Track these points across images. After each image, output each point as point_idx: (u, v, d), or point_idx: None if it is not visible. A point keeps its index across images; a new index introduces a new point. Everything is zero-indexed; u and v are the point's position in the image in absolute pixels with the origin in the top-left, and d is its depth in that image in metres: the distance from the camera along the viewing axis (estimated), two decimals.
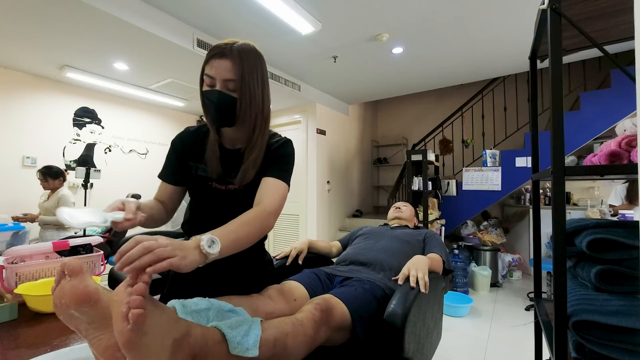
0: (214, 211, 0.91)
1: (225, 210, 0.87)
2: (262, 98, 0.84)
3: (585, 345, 0.66)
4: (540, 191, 3.36)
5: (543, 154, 1.11)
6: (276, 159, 0.90)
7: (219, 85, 0.79)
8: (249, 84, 0.80)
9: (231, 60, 0.78)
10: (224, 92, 0.79)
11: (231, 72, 0.78)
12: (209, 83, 0.80)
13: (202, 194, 0.92)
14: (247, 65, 0.79)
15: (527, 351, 2.12)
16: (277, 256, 1.39)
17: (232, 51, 0.78)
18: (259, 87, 0.82)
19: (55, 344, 0.76)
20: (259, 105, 0.84)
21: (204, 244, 0.59)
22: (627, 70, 0.82)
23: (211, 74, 0.79)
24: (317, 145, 4.11)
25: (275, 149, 0.90)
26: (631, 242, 0.67)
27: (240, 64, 0.78)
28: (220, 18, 2.36)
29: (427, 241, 1.47)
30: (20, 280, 1.07)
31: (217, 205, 0.91)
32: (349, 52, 2.95)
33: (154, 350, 0.50)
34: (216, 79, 0.78)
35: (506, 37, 2.67)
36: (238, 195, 0.89)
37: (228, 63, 0.78)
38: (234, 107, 0.80)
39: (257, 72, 0.82)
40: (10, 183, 3.06)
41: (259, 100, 0.83)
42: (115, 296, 0.50)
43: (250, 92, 0.80)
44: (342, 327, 0.87)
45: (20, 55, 2.74)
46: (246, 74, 0.79)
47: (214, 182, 0.89)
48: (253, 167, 0.86)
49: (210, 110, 0.82)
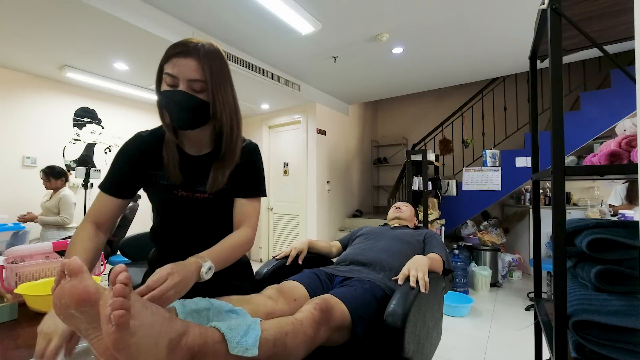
0: (182, 220, 0.88)
1: (194, 219, 0.87)
2: (233, 101, 0.81)
3: (585, 345, 0.66)
4: (540, 191, 3.36)
5: (543, 154, 1.11)
6: (250, 169, 0.88)
7: (182, 86, 0.74)
8: (221, 86, 0.77)
9: (197, 60, 0.73)
10: (189, 92, 0.74)
11: (197, 72, 0.73)
12: (171, 82, 0.74)
13: (168, 203, 0.87)
14: (216, 67, 0.76)
15: (527, 351, 2.12)
16: (277, 256, 1.39)
17: (197, 50, 0.74)
18: (229, 90, 0.79)
19: None
20: (232, 108, 0.81)
21: (203, 273, 0.68)
22: (627, 70, 0.82)
23: (173, 73, 0.73)
24: (317, 145, 4.12)
25: (247, 158, 0.88)
26: (631, 242, 0.67)
27: (207, 65, 0.74)
28: (220, 18, 2.36)
29: (427, 241, 1.47)
30: (20, 280, 1.07)
31: (185, 213, 0.87)
32: (349, 52, 2.95)
33: (147, 351, 0.50)
34: (179, 79, 0.73)
35: (506, 37, 2.67)
36: (208, 203, 0.86)
37: (193, 62, 0.73)
38: (202, 109, 0.76)
39: (225, 74, 0.79)
40: (10, 183, 3.06)
41: (231, 103, 0.80)
42: (102, 299, 0.51)
43: (223, 94, 0.77)
44: (342, 327, 0.87)
45: (20, 55, 2.74)
46: (215, 75, 0.76)
47: (179, 189, 0.84)
48: (223, 175, 0.83)
49: (173, 112, 0.76)
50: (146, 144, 0.85)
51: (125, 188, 0.85)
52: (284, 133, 4.56)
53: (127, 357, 0.49)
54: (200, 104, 0.76)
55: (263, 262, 2.00)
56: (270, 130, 4.72)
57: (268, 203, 4.62)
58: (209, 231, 0.87)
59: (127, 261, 2.30)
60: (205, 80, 0.74)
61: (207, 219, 0.87)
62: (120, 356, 0.49)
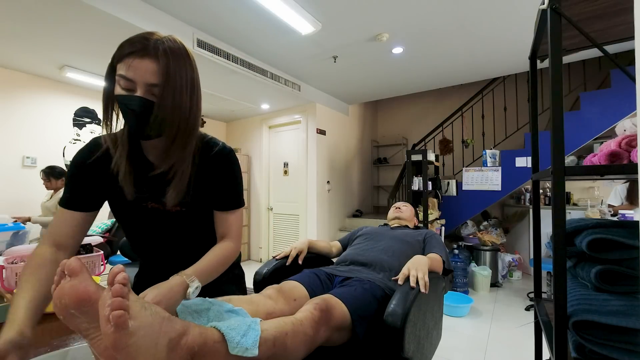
0: (156, 233, 0.83)
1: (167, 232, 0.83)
2: (188, 105, 0.70)
3: (585, 345, 0.66)
4: (540, 191, 3.36)
5: (543, 154, 1.11)
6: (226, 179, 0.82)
7: (140, 91, 0.65)
8: (174, 88, 0.67)
9: (154, 60, 0.64)
10: (148, 99, 0.65)
11: (155, 75, 0.65)
12: (127, 86, 0.65)
13: (137, 215, 0.81)
14: (174, 65, 0.66)
15: (527, 351, 2.12)
16: (277, 256, 1.39)
17: (155, 49, 0.65)
18: (186, 92, 0.69)
19: (55, 344, 0.76)
20: (184, 114, 0.70)
21: (190, 293, 0.67)
22: (627, 70, 0.82)
23: (129, 77, 0.64)
24: (317, 145, 4.12)
25: (222, 166, 0.82)
26: (631, 242, 0.67)
27: (166, 65, 0.65)
28: (220, 18, 2.36)
29: (427, 241, 1.47)
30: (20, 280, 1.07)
31: (157, 225, 0.82)
32: (349, 52, 2.95)
33: (147, 351, 0.50)
34: (136, 83, 0.65)
35: (506, 37, 2.67)
36: (183, 216, 0.81)
37: (152, 65, 0.64)
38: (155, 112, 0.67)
39: (185, 74, 0.69)
40: (10, 183, 3.06)
41: (185, 108, 0.69)
42: (101, 299, 0.51)
43: (174, 98, 0.67)
44: (342, 327, 0.87)
45: (20, 55, 2.74)
46: (172, 76, 0.66)
47: (149, 201, 0.78)
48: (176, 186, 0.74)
49: (130, 120, 0.68)
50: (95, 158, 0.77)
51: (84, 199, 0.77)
52: (284, 133, 4.56)
53: (126, 357, 0.49)
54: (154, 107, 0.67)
55: (263, 262, 2.00)
56: (270, 130, 4.72)
57: (268, 203, 4.62)
58: (186, 244, 0.85)
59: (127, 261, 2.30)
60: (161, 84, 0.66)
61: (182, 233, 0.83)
62: (119, 356, 0.49)
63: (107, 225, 3.04)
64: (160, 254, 0.88)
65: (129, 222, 0.84)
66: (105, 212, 3.58)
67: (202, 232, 0.86)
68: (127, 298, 0.50)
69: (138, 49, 0.64)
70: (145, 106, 0.66)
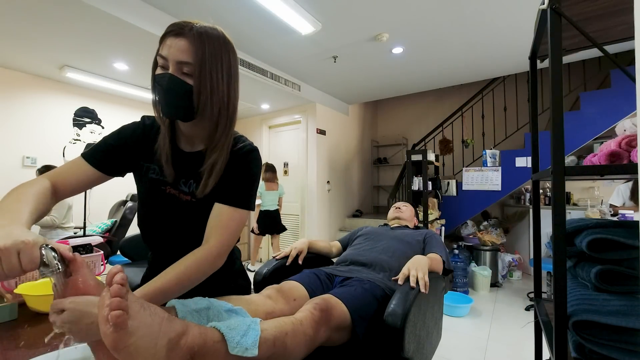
0: (165, 217, 0.80)
1: (178, 220, 0.79)
2: (227, 91, 0.71)
3: (585, 345, 0.66)
4: (540, 191, 3.36)
5: (543, 154, 1.11)
6: (240, 174, 0.76)
7: (172, 68, 0.66)
8: (211, 71, 0.67)
9: (188, 40, 0.66)
10: (176, 76, 0.66)
11: (187, 53, 0.65)
12: (162, 64, 0.67)
13: (154, 198, 0.80)
14: (210, 49, 0.67)
15: (527, 351, 2.12)
16: (277, 256, 1.39)
17: (191, 30, 0.66)
18: (223, 78, 0.70)
19: (55, 344, 0.76)
20: (223, 99, 0.71)
21: None
22: (627, 70, 0.82)
23: (164, 54, 0.66)
24: (317, 145, 4.11)
25: (239, 162, 0.77)
26: (631, 242, 0.67)
27: (200, 46, 0.66)
28: (220, 18, 2.36)
29: (427, 241, 1.47)
30: (20, 280, 1.07)
31: (170, 212, 0.79)
32: (349, 52, 2.95)
33: (146, 351, 0.50)
34: (169, 61, 0.66)
35: (506, 37, 2.67)
36: (193, 207, 0.77)
37: (184, 43, 0.66)
38: (188, 95, 0.68)
39: (221, 59, 0.69)
40: (10, 183, 3.03)
41: (223, 93, 0.70)
42: (99, 300, 0.51)
43: (212, 81, 0.68)
44: (341, 327, 0.87)
45: (20, 55, 2.74)
46: (207, 58, 0.67)
47: (167, 186, 0.78)
48: (211, 175, 0.73)
49: (160, 97, 0.69)
50: (143, 131, 0.80)
51: (106, 161, 0.77)
52: (284, 133, 4.56)
53: (126, 357, 0.49)
54: (183, 88, 0.67)
55: (263, 262, 2.00)
56: (270, 130, 4.71)
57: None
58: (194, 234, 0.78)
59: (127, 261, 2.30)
60: (194, 63, 0.66)
61: (190, 222, 0.78)
62: (119, 356, 0.49)
63: (107, 225, 3.04)
64: (167, 244, 0.84)
65: (145, 203, 0.82)
66: (105, 212, 3.58)
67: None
68: (126, 298, 0.49)
69: (175, 30, 0.66)
70: (173, 82, 0.66)
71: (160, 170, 0.78)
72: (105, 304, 0.48)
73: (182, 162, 0.77)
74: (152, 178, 0.79)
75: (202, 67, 0.67)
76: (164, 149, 0.76)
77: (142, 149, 0.80)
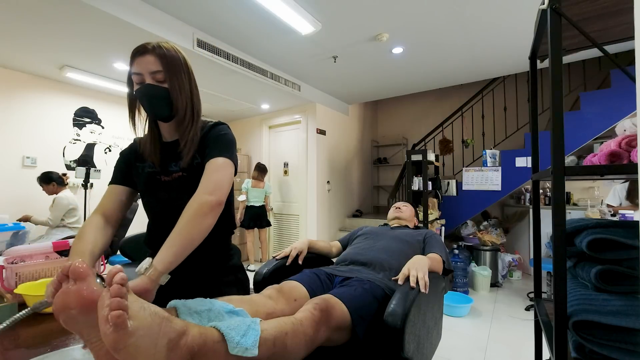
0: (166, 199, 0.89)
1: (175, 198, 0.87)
2: (189, 88, 0.88)
3: (585, 345, 0.66)
4: (540, 191, 3.36)
5: (543, 154, 1.11)
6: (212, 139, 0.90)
7: (147, 79, 0.82)
8: (176, 73, 0.84)
9: (153, 54, 0.82)
10: (154, 83, 0.82)
11: (156, 64, 0.81)
12: (138, 80, 0.83)
13: (153, 190, 0.91)
14: (169, 57, 0.83)
15: (527, 351, 2.12)
16: (277, 256, 1.39)
17: (153, 47, 0.83)
18: (184, 77, 0.86)
19: (55, 344, 0.76)
20: (188, 94, 0.87)
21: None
22: (627, 70, 0.82)
23: (138, 71, 0.82)
24: (317, 145, 4.11)
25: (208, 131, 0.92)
26: (631, 242, 0.67)
27: (163, 57, 0.82)
28: (220, 18, 2.36)
29: (427, 241, 1.47)
30: (20, 280, 1.07)
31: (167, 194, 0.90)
32: (349, 52, 2.95)
33: (146, 351, 0.50)
34: (144, 74, 0.82)
35: (506, 37, 2.67)
36: (186, 181, 0.88)
37: (151, 57, 0.82)
38: (166, 96, 0.83)
39: (180, 63, 0.86)
40: (10, 183, 3.06)
41: (187, 89, 0.87)
42: (99, 301, 0.51)
43: (179, 81, 0.84)
44: (341, 327, 0.87)
45: (20, 55, 2.74)
46: (170, 64, 0.83)
47: (161, 175, 0.91)
48: (188, 145, 0.87)
49: (145, 104, 0.84)
50: (136, 147, 0.96)
51: (126, 176, 0.94)
52: (284, 133, 4.56)
53: (126, 357, 0.49)
54: (162, 92, 0.83)
55: (263, 262, 2.00)
56: (270, 130, 4.71)
57: (268, 203, 4.62)
58: None
59: (127, 261, 2.30)
60: (163, 70, 0.82)
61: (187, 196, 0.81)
62: (119, 356, 0.49)
63: None
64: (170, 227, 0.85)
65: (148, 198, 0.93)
66: None
67: None
68: (126, 298, 0.50)
69: (139, 50, 0.83)
70: (153, 89, 0.82)
71: (153, 163, 0.91)
72: (105, 304, 0.48)
73: (165, 150, 0.92)
74: (149, 171, 0.91)
75: (169, 71, 0.83)
76: (151, 143, 0.90)
77: (137, 157, 0.95)
